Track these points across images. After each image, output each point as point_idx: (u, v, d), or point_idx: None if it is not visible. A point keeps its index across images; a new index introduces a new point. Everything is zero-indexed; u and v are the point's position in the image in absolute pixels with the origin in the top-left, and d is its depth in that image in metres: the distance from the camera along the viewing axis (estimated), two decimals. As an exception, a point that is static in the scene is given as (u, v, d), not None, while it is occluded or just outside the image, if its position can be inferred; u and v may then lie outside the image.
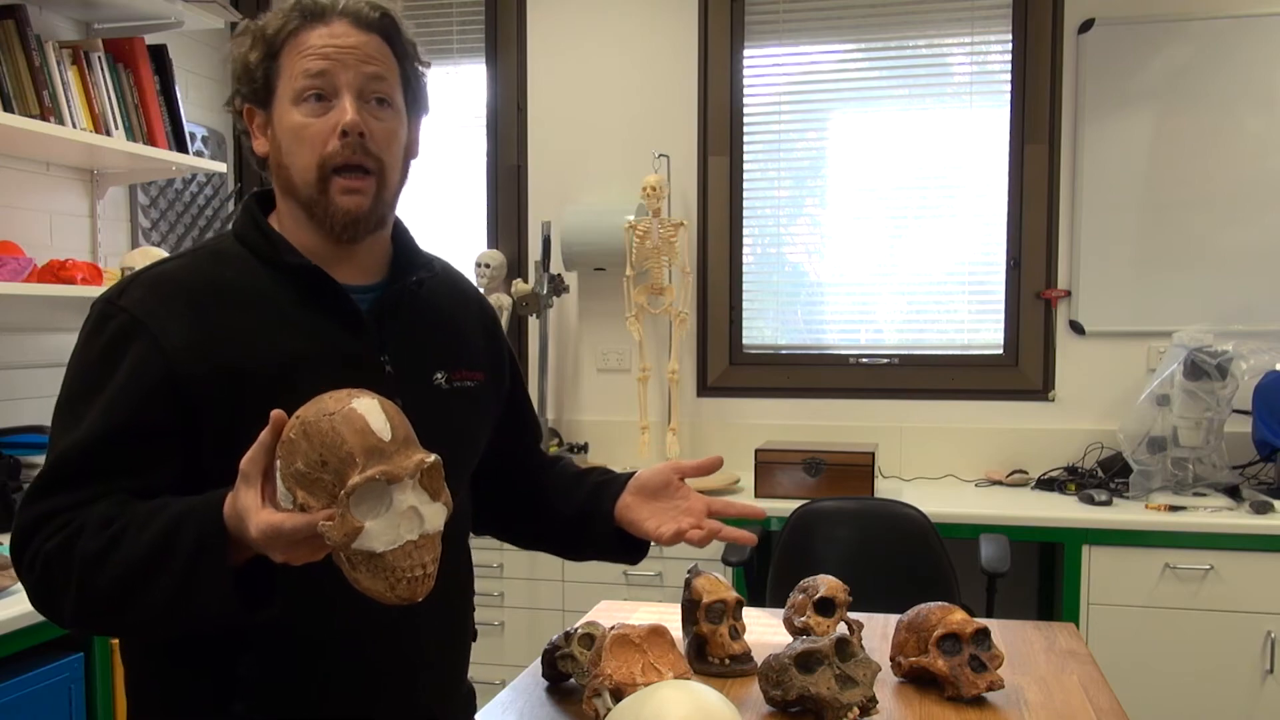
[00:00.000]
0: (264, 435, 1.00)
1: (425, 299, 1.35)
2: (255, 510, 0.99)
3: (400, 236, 1.36)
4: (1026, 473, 3.40)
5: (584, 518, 1.48)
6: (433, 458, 1.00)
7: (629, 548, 1.47)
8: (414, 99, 1.30)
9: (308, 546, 0.99)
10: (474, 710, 1.48)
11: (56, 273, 2.72)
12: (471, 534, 1.50)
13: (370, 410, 0.98)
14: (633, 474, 1.48)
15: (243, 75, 1.24)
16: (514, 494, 1.55)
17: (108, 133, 2.86)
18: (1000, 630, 1.85)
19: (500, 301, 3.69)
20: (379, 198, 1.24)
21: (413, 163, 1.33)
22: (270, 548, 0.99)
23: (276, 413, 1.00)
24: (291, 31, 1.21)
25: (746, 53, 3.66)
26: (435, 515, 1.00)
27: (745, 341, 3.72)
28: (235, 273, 1.23)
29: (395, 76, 1.26)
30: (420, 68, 1.31)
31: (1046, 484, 3.27)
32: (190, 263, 1.25)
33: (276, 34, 1.22)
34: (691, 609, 1.65)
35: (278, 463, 0.99)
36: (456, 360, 1.36)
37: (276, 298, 1.23)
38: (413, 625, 1.27)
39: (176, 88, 3.09)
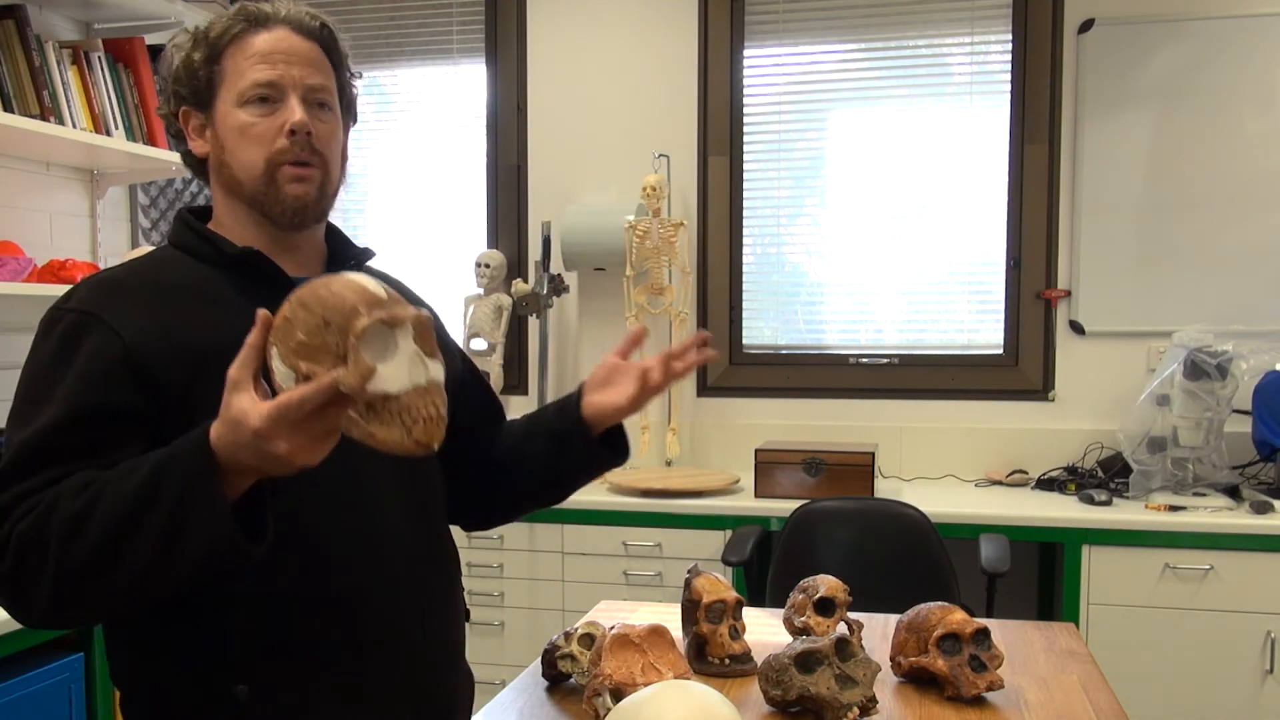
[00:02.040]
0: (252, 337, 1.01)
1: None
2: (253, 406, 0.99)
3: (334, 235, 1.41)
4: (1026, 473, 3.40)
5: (558, 441, 1.47)
6: (425, 312, 1.05)
7: (614, 448, 1.48)
8: (347, 107, 1.37)
9: (317, 425, 0.99)
10: (472, 693, 1.47)
11: (56, 273, 2.72)
12: (466, 531, 1.51)
13: (361, 276, 1.04)
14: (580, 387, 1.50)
15: (185, 76, 1.28)
16: (490, 469, 1.54)
17: (108, 133, 2.86)
18: (1000, 630, 1.85)
19: (500, 301, 3.69)
20: (323, 189, 1.30)
21: (347, 166, 1.40)
22: (276, 436, 0.98)
23: (263, 311, 1.02)
24: (235, 35, 1.26)
25: (746, 53, 3.66)
26: (436, 369, 1.05)
27: (745, 341, 3.72)
28: (175, 272, 1.28)
29: (333, 84, 1.32)
30: (351, 78, 1.37)
31: (1046, 484, 3.28)
32: (131, 267, 1.30)
33: (220, 37, 1.26)
34: (691, 609, 1.65)
35: (274, 349, 1.01)
36: None
37: (220, 289, 1.27)
38: (394, 593, 1.28)
39: (176, 88, 3.08)
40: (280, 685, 1.21)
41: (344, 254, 1.39)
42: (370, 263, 1.44)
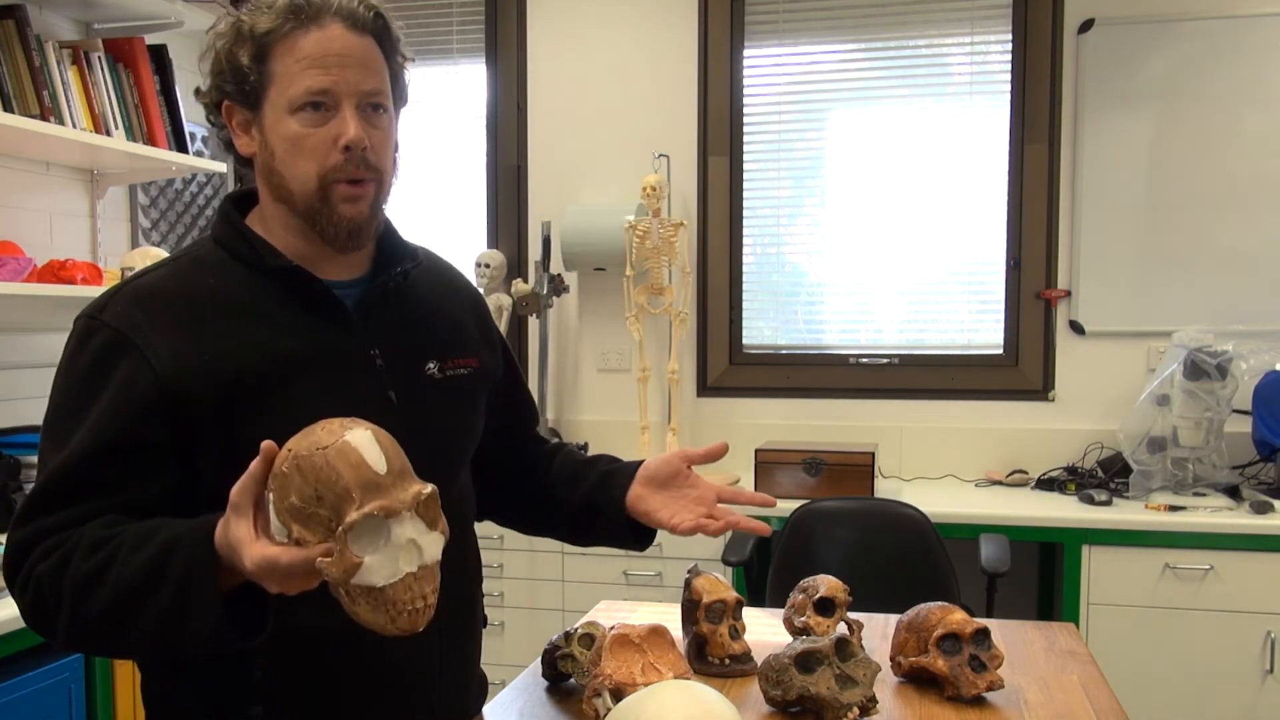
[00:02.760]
0: (254, 466, 0.99)
1: (413, 290, 1.35)
2: (249, 542, 0.98)
3: (383, 230, 1.34)
4: (1026, 473, 3.40)
5: (592, 507, 1.48)
6: (429, 489, 0.99)
7: (639, 536, 1.49)
8: (400, 95, 1.30)
9: (304, 579, 0.98)
10: (483, 697, 1.47)
11: (56, 273, 2.72)
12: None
13: (364, 443, 0.97)
14: (639, 463, 1.48)
15: (230, 75, 1.20)
16: (515, 480, 1.55)
17: (108, 133, 2.86)
18: (1000, 630, 1.85)
19: (500, 301, 3.69)
20: (377, 202, 1.25)
21: (399, 155, 1.32)
22: (265, 580, 0.98)
23: (267, 444, 0.99)
24: (285, 34, 1.18)
25: (746, 53, 3.66)
26: (433, 545, 1.00)
27: (745, 341, 3.72)
28: (218, 279, 1.22)
29: (387, 79, 1.24)
30: (404, 62, 1.29)
31: (1046, 484, 3.27)
32: (171, 272, 1.24)
33: (267, 34, 1.18)
34: (691, 609, 1.65)
35: (270, 495, 0.98)
36: (448, 349, 1.36)
37: (262, 301, 1.22)
38: (430, 629, 1.27)
39: (176, 88, 3.09)
40: (295, 708, 1.22)
41: (393, 256, 1.32)
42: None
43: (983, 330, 3.55)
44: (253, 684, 1.19)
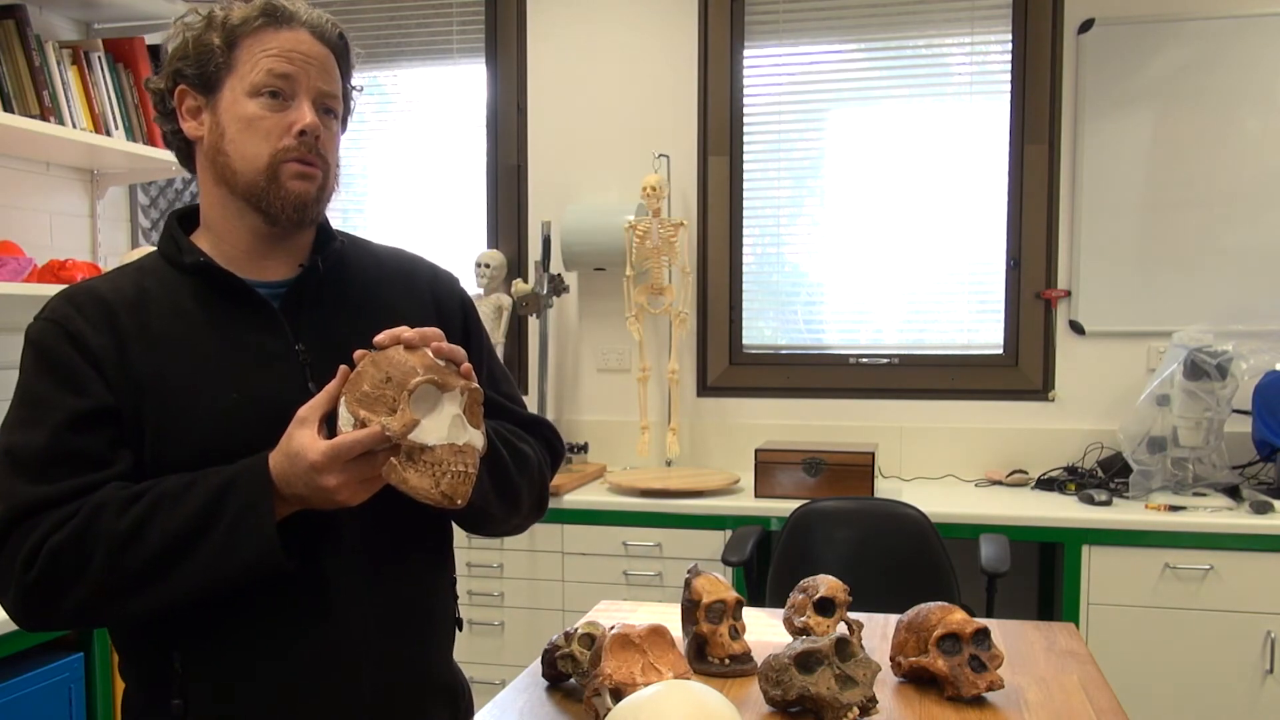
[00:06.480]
0: (331, 386, 1.14)
1: (353, 284, 1.35)
2: (313, 443, 1.10)
3: (319, 231, 1.38)
4: (1026, 473, 3.40)
5: None
6: (475, 385, 1.17)
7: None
8: (344, 117, 1.36)
9: (365, 466, 1.11)
10: (458, 708, 1.44)
11: (56, 273, 2.72)
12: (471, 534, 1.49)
13: (427, 354, 1.17)
14: None
15: (194, 56, 1.26)
16: None
17: (108, 133, 2.86)
18: (1000, 630, 1.85)
19: (500, 301, 3.69)
20: (322, 190, 1.30)
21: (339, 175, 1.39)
22: (329, 472, 1.10)
23: (344, 366, 1.14)
24: (256, 28, 1.25)
25: (746, 53, 3.66)
26: (476, 437, 1.17)
27: (745, 341, 3.72)
28: (155, 283, 1.28)
29: (340, 94, 1.32)
30: (352, 90, 1.37)
31: (1046, 484, 3.27)
32: (113, 276, 1.30)
33: (239, 25, 1.25)
34: (691, 609, 1.65)
35: (344, 397, 1.14)
36: None
37: (191, 303, 1.26)
38: (357, 618, 1.26)
39: (176, 88, 3.08)
40: (210, 706, 1.23)
41: (321, 250, 1.35)
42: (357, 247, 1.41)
43: (983, 330, 3.55)
44: (173, 677, 1.22)
